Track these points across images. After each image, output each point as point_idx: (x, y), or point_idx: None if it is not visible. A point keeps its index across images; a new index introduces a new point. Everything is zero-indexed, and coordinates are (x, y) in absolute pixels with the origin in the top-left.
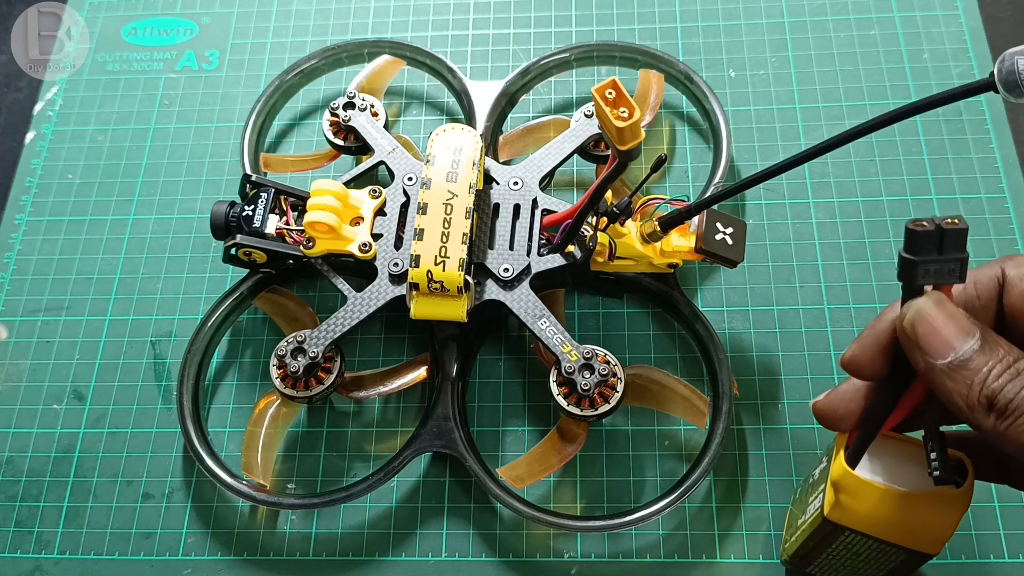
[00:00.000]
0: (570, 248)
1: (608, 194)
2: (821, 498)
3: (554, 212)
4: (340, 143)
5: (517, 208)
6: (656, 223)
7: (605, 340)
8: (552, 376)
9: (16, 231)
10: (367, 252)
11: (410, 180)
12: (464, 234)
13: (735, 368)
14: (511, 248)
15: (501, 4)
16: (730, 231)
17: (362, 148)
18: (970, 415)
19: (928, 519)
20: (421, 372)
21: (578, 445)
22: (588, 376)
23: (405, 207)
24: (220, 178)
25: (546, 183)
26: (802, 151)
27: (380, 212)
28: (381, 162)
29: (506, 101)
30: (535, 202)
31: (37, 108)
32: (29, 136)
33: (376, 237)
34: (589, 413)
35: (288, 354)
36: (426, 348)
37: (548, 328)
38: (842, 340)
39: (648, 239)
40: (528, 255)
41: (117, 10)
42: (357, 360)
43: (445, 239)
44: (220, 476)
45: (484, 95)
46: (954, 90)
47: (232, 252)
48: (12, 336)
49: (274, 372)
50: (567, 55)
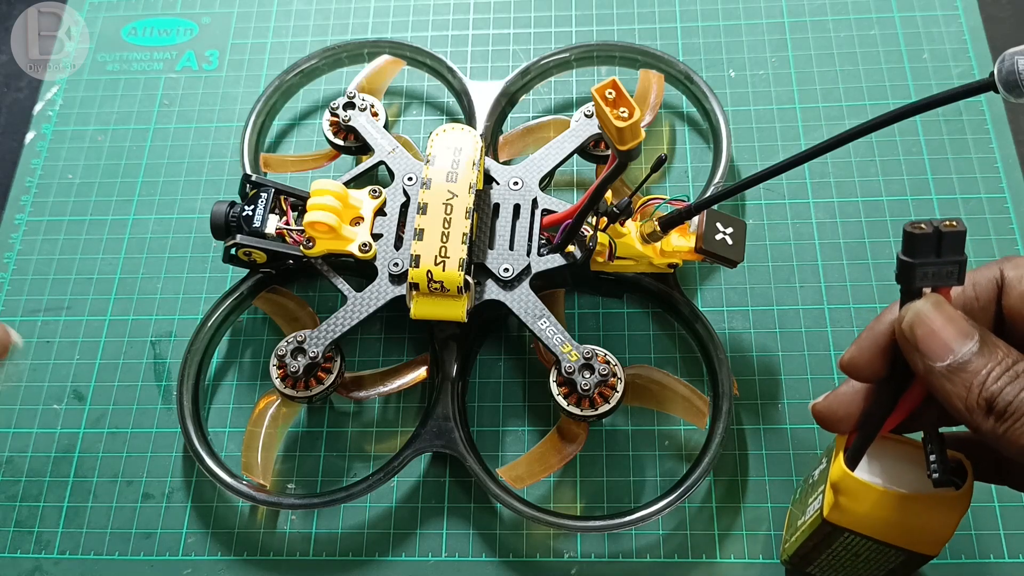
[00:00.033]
0: (570, 248)
1: (608, 194)
2: (821, 499)
3: (554, 212)
4: (340, 143)
5: (517, 208)
6: (656, 223)
7: (605, 340)
8: (552, 376)
9: (16, 231)
10: (367, 252)
11: (410, 180)
12: (464, 234)
13: (735, 368)
14: (511, 248)
15: (501, 4)
16: (730, 231)
17: (362, 148)
18: (969, 417)
19: (927, 520)
20: (421, 372)
21: (578, 445)
22: (588, 376)
23: (405, 207)
24: (220, 178)
25: (546, 183)
26: (802, 151)
27: (380, 212)
28: (381, 162)
29: (506, 101)
30: (535, 202)
31: (37, 108)
32: (29, 136)
33: (376, 237)
34: (589, 413)
35: (288, 354)
36: (426, 348)
37: (548, 328)
38: (842, 340)
39: (648, 239)
40: (528, 255)
41: (117, 10)
42: (357, 360)
43: (445, 239)
44: (220, 476)
45: (484, 95)
46: (954, 90)
47: (232, 252)
48: None
49: (274, 372)
50: (567, 55)
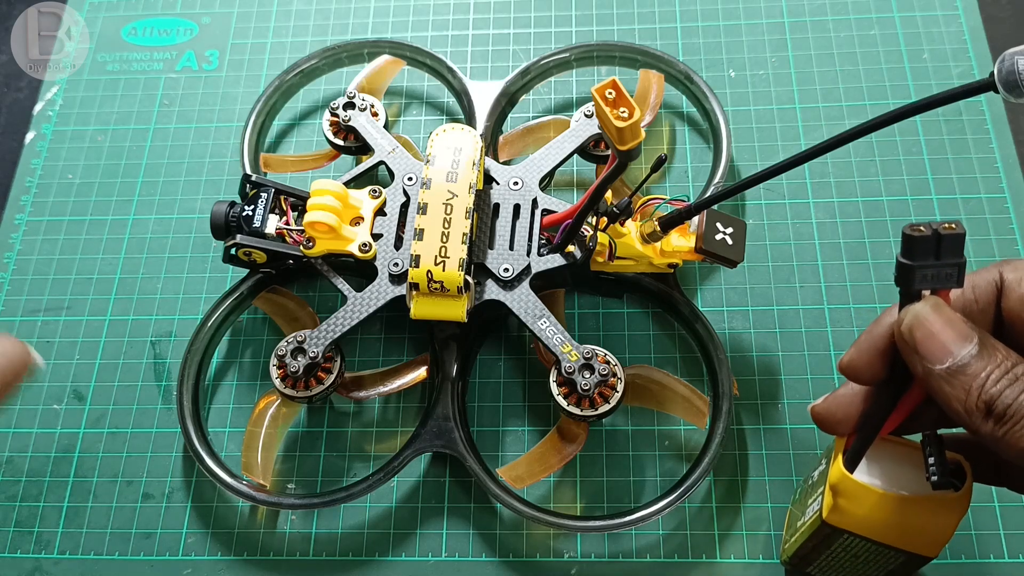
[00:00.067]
0: (570, 248)
1: (608, 194)
2: (820, 500)
3: (554, 212)
4: (340, 143)
5: (517, 208)
6: (656, 223)
7: (605, 340)
8: (552, 376)
9: (16, 231)
10: (367, 252)
11: (410, 180)
12: (464, 234)
13: (735, 368)
14: (511, 248)
15: (501, 4)
16: (730, 231)
17: (362, 148)
18: (968, 420)
19: (926, 522)
20: (421, 372)
21: (578, 445)
22: (588, 376)
23: (405, 207)
24: (220, 178)
25: (546, 183)
26: (802, 151)
27: (380, 212)
28: (381, 162)
29: (506, 101)
30: (535, 202)
31: (37, 108)
32: (29, 136)
33: (376, 237)
34: (589, 413)
35: (288, 354)
36: (426, 348)
37: (548, 328)
38: (842, 340)
39: (648, 239)
40: (528, 255)
41: (117, 10)
42: (357, 360)
43: (445, 239)
44: (220, 476)
45: (484, 95)
46: (954, 90)
47: (232, 252)
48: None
49: (274, 372)
50: (567, 55)
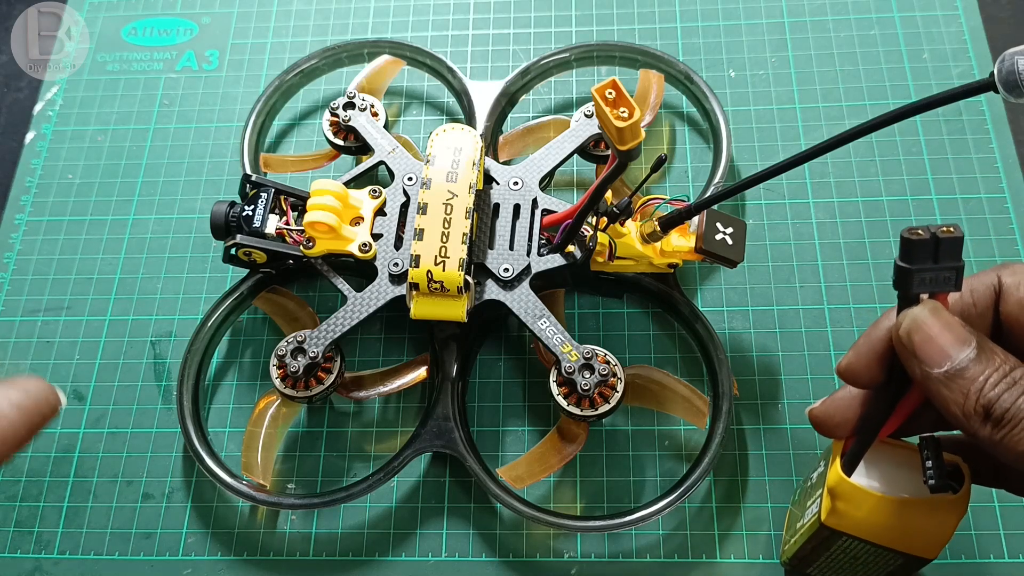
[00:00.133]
0: (570, 248)
1: (608, 194)
2: (819, 502)
3: (554, 212)
4: (340, 143)
5: (517, 208)
6: (656, 223)
7: (605, 340)
8: (552, 376)
9: (16, 231)
10: (367, 252)
11: (410, 180)
12: (464, 234)
13: (735, 368)
14: (511, 248)
15: (501, 4)
16: (730, 231)
17: (362, 148)
18: (966, 424)
19: (925, 525)
20: (421, 372)
21: (578, 445)
22: (588, 376)
23: (405, 207)
24: (220, 178)
25: (546, 183)
26: (802, 151)
27: (380, 212)
28: (381, 162)
29: (506, 101)
30: (535, 202)
31: (37, 108)
32: (29, 136)
33: (376, 237)
34: (589, 413)
35: (288, 354)
36: (426, 348)
37: (548, 328)
38: (842, 340)
39: (648, 239)
40: (528, 255)
41: (117, 10)
42: (357, 360)
43: (445, 239)
44: (220, 476)
45: (484, 95)
46: (954, 90)
47: (232, 252)
48: (12, 336)
49: (274, 372)
50: (567, 55)
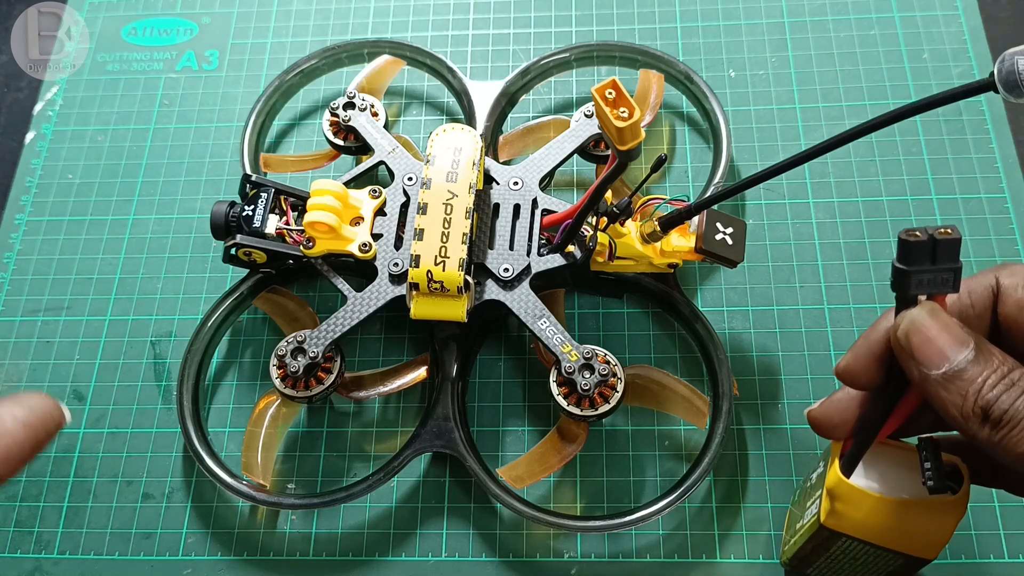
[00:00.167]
0: (570, 248)
1: (608, 194)
2: (818, 503)
3: (554, 212)
4: (340, 143)
5: (517, 208)
6: (656, 223)
7: (605, 340)
8: (552, 376)
9: (16, 231)
10: (367, 252)
11: (410, 180)
12: (464, 234)
13: (735, 368)
14: (511, 248)
15: (501, 4)
16: (730, 231)
17: (362, 148)
18: (964, 425)
19: (924, 525)
20: (421, 372)
21: (578, 445)
22: (588, 376)
23: (405, 207)
24: (220, 178)
25: (546, 183)
26: (802, 151)
27: (380, 212)
28: (381, 162)
29: (506, 101)
30: (535, 202)
31: (37, 108)
32: (29, 136)
33: (376, 237)
34: (589, 413)
35: (288, 354)
36: (426, 348)
37: (548, 328)
38: (842, 340)
39: (648, 239)
40: (528, 255)
41: (117, 10)
42: (357, 360)
43: (445, 239)
44: (220, 476)
45: (484, 95)
46: (954, 90)
47: (232, 252)
48: (12, 336)
49: (274, 372)
50: (567, 55)
